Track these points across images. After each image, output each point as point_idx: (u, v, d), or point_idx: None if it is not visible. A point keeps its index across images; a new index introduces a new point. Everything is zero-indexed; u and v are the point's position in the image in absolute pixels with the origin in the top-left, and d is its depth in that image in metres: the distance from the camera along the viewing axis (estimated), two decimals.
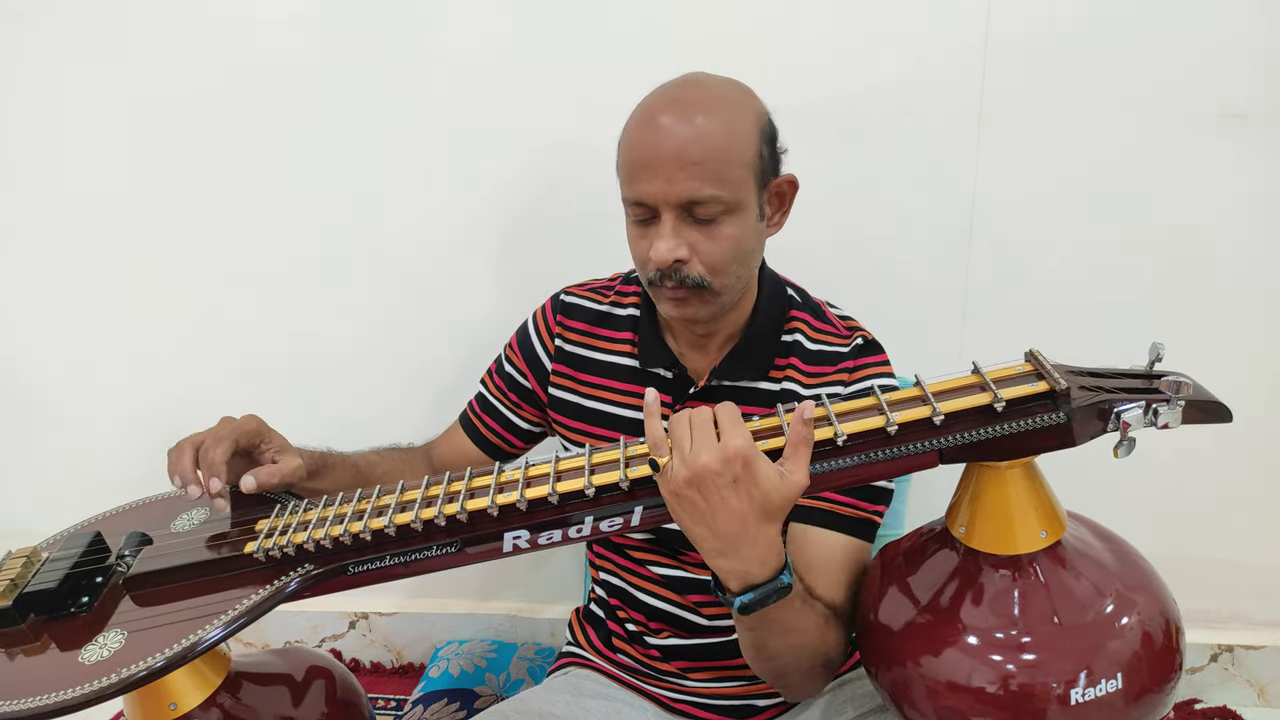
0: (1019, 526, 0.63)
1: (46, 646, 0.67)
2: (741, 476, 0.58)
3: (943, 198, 1.14)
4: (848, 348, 0.84)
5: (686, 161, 0.71)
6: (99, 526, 0.82)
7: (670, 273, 0.75)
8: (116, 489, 0.91)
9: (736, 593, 0.62)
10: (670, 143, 0.72)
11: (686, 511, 0.60)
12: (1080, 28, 1.05)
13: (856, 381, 0.83)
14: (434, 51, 1.14)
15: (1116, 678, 0.60)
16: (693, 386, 0.85)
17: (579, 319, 0.92)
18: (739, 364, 0.84)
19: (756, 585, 0.62)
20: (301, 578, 0.68)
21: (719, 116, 0.73)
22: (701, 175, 0.72)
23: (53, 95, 1.21)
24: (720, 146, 0.73)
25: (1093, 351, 0.76)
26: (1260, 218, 1.11)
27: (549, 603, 1.46)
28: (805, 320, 0.86)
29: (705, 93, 0.75)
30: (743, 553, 0.60)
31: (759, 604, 0.62)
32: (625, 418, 0.88)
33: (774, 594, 0.62)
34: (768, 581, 0.62)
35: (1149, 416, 0.58)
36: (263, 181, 1.23)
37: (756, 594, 0.62)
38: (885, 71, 1.08)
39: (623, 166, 0.77)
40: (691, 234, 0.74)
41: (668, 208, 0.74)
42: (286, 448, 0.82)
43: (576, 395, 0.91)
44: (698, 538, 0.61)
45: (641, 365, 0.88)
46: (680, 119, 0.72)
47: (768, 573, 0.62)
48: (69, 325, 1.34)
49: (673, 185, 0.72)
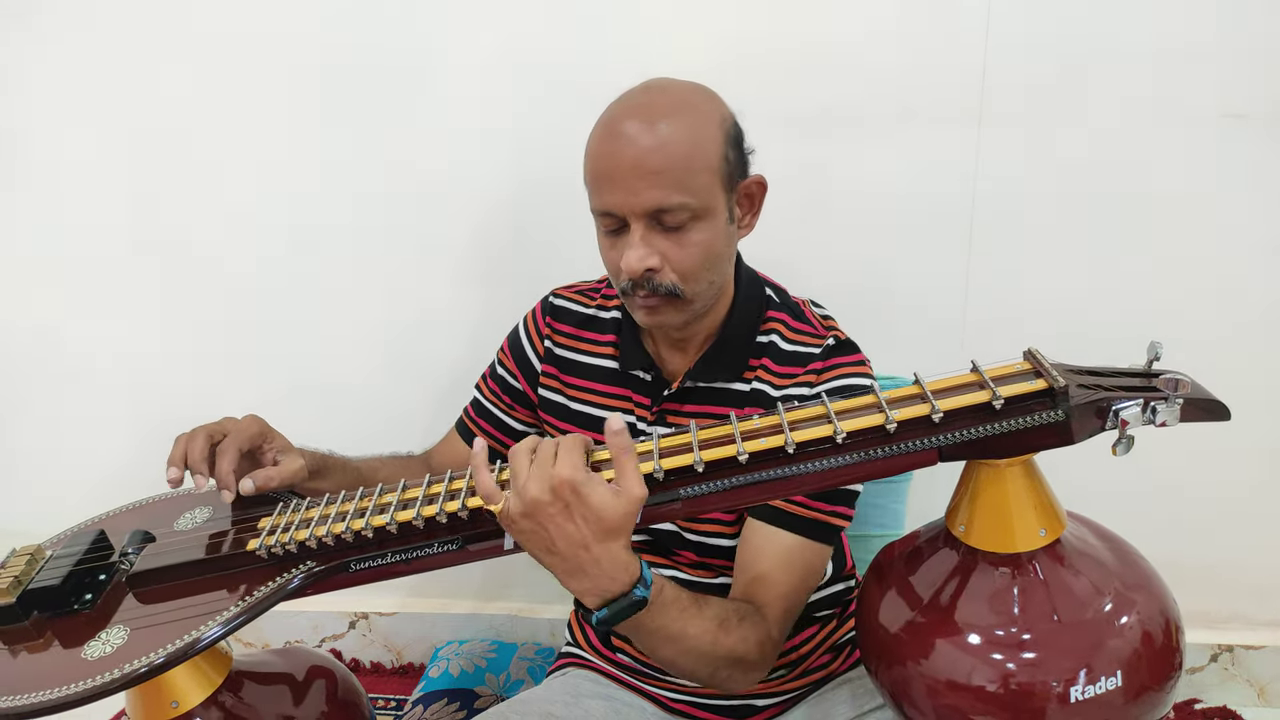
0: (1018, 525, 0.63)
1: (50, 643, 0.67)
2: (572, 502, 0.59)
3: (943, 198, 1.14)
4: (819, 348, 0.84)
5: (648, 171, 0.71)
6: (103, 525, 0.83)
7: (642, 282, 0.75)
8: (120, 489, 0.92)
9: (594, 609, 0.63)
10: (632, 152, 0.72)
11: (529, 541, 0.62)
12: (1080, 27, 1.05)
13: (825, 382, 0.82)
14: (436, 53, 1.14)
15: (1116, 676, 0.60)
16: (666, 389, 0.86)
17: (567, 322, 0.93)
18: (713, 366, 0.84)
19: (610, 600, 0.63)
20: (304, 575, 0.68)
21: (681, 122, 0.73)
22: (666, 184, 0.72)
23: (53, 95, 1.21)
24: (683, 154, 0.72)
25: (1092, 351, 0.76)
26: (1260, 217, 1.11)
27: (549, 603, 1.46)
28: (782, 320, 0.86)
29: (667, 98, 0.75)
30: (590, 573, 0.62)
31: (617, 618, 0.63)
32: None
33: (629, 608, 0.63)
34: (621, 596, 0.63)
35: (1147, 414, 0.58)
36: (265, 182, 1.23)
37: (611, 609, 0.63)
38: (885, 71, 1.09)
39: (589, 177, 0.76)
40: (661, 242, 0.74)
41: (635, 217, 0.73)
42: (288, 448, 0.83)
43: (563, 397, 0.92)
44: (548, 564, 0.63)
45: (621, 368, 0.88)
46: (642, 127, 0.72)
47: (619, 587, 0.63)
48: (70, 324, 1.34)
49: (637, 195, 0.72)
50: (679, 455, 0.63)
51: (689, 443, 0.63)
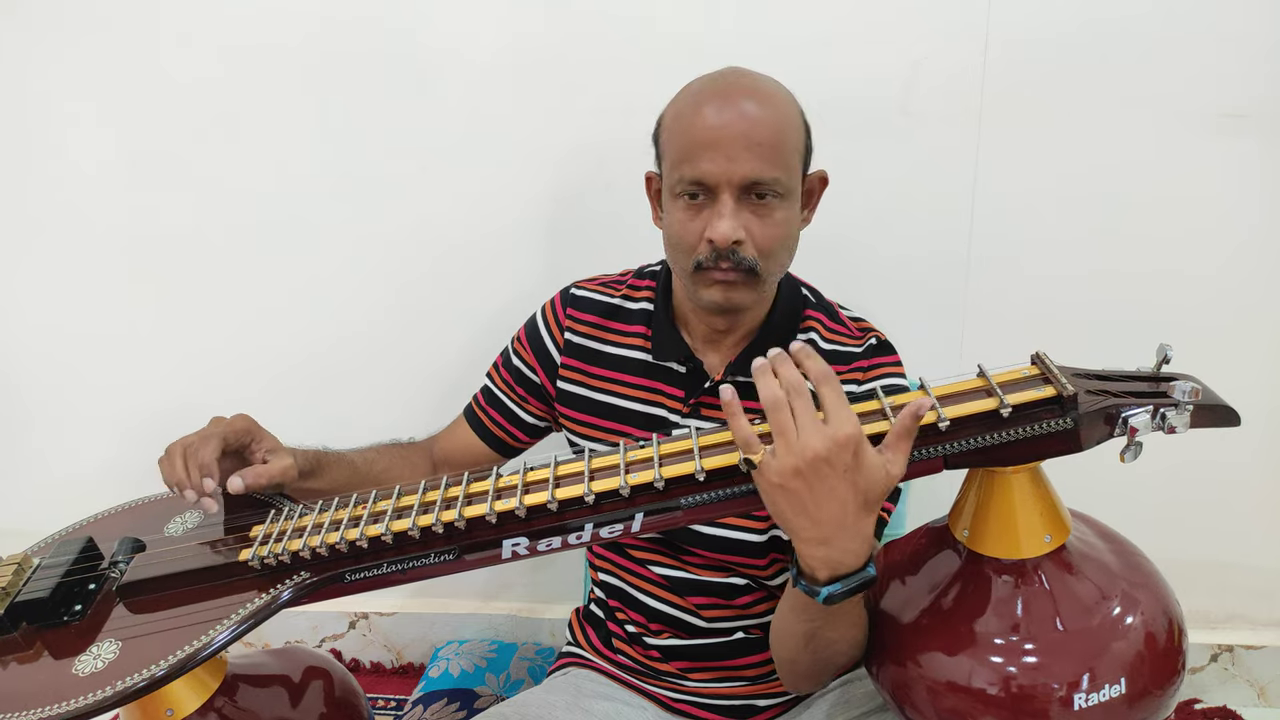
0: (1023, 531, 0.63)
1: (39, 655, 0.66)
2: (851, 465, 0.56)
3: (943, 198, 1.13)
4: (861, 347, 0.85)
5: (754, 141, 0.73)
6: (91, 530, 0.81)
7: (727, 254, 0.75)
8: (111, 489, 0.91)
9: (824, 583, 0.61)
10: (740, 123, 0.73)
11: (789, 502, 0.58)
12: (1080, 28, 1.04)
13: (870, 381, 0.83)
14: (441, 51, 1.13)
15: (1120, 682, 0.60)
16: (707, 381, 0.85)
17: (589, 312, 0.92)
18: (755, 360, 0.83)
19: (843, 576, 0.60)
20: (296, 586, 0.67)
21: (779, 102, 0.76)
22: (767, 156, 0.73)
23: (53, 95, 1.20)
24: (782, 130, 0.75)
25: (1092, 351, 0.76)
26: (1261, 217, 1.11)
27: (549, 603, 1.45)
28: (820, 320, 0.87)
29: (760, 82, 0.78)
30: (836, 543, 0.59)
31: (846, 594, 0.61)
32: (636, 411, 0.87)
33: (861, 585, 0.61)
34: (856, 571, 0.60)
35: (1157, 421, 0.57)
36: (262, 181, 1.22)
37: (844, 584, 0.60)
38: (885, 71, 1.08)
39: (679, 147, 0.76)
40: (747, 216, 0.75)
41: (729, 188, 0.74)
42: (278, 448, 0.81)
43: (586, 389, 0.90)
44: (796, 527, 0.59)
45: (655, 359, 0.87)
46: (750, 101, 0.74)
47: (855, 561, 0.60)
48: (65, 323, 1.33)
49: (737, 165, 0.73)
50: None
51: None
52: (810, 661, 0.70)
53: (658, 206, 0.85)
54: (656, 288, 0.89)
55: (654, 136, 0.82)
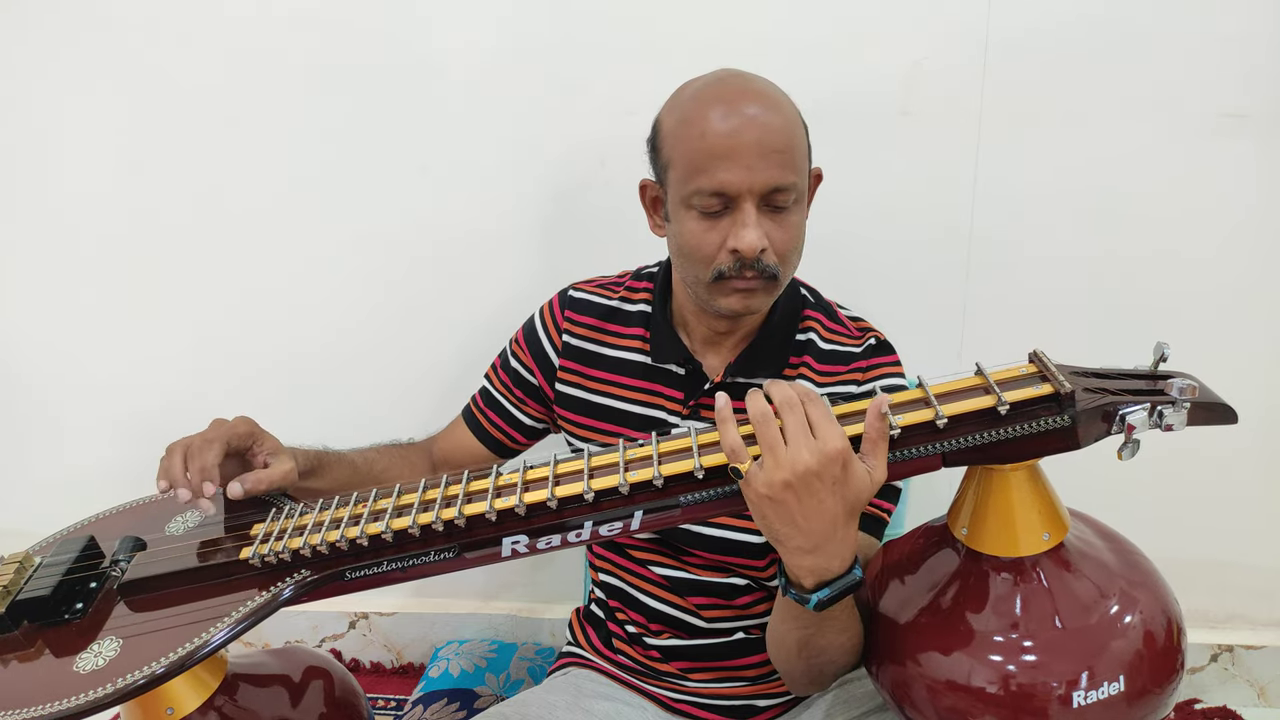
0: (1022, 529, 0.63)
1: (41, 653, 0.66)
2: (839, 478, 0.57)
3: (943, 198, 1.13)
4: (860, 347, 0.85)
5: (770, 149, 0.72)
6: (92, 529, 0.81)
7: (751, 263, 0.74)
8: (111, 489, 0.91)
9: (811, 590, 0.62)
10: (752, 130, 0.72)
11: (776, 514, 0.59)
12: (1080, 28, 1.05)
13: (870, 381, 0.83)
14: (438, 52, 1.14)
15: (1119, 680, 0.60)
16: (707, 383, 0.85)
17: (587, 314, 0.92)
18: (755, 361, 0.84)
19: (830, 581, 0.61)
20: (298, 584, 0.67)
21: (786, 106, 0.76)
22: (783, 163, 0.73)
23: (53, 95, 1.20)
24: (792, 134, 0.74)
25: (1090, 350, 0.76)
26: (1261, 217, 1.11)
27: (550, 603, 1.45)
28: (819, 320, 0.87)
29: (761, 85, 0.76)
30: (824, 550, 0.60)
31: (835, 599, 0.62)
32: (634, 413, 0.88)
33: (848, 588, 0.62)
34: (843, 575, 0.61)
35: (1154, 418, 0.58)
36: (263, 182, 1.22)
37: (833, 589, 0.61)
38: (885, 71, 1.08)
39: (690, 158, 0.74)
40: (766, 223, 0.74)
41: (750, 196, 0.73)
42: (279, 450, 0.81)
43: (584, 391, 0.90)
44: (783, 537, 0.60)
45: (654, 361, 0.87)
46: (760, 108, 0.73)
47: (841, 566, 0.61)
48: (65, 324, 1.33)
49: (757, 174, 0.72)
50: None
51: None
52: (805, 669, 0.71)
53: (655, 215, 0.83)
54: (654, 289, 0.89)
55: (650, 143, 0.80)
